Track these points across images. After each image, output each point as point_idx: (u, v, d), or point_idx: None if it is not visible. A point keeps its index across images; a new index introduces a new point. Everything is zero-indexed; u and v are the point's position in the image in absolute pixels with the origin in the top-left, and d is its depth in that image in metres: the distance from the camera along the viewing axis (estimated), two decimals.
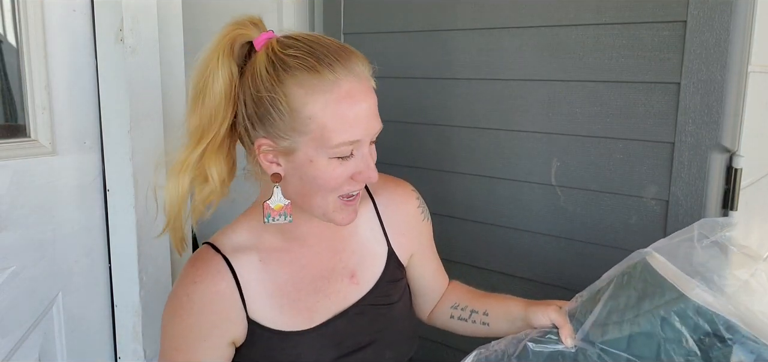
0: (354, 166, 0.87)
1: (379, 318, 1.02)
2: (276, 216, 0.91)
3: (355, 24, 1.75)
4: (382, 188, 1.08)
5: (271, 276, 0.96)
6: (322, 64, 0.82)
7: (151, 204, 1.02)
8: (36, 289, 1.30)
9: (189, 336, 0.92)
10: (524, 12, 1.42)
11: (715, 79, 1.19)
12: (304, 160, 0.85)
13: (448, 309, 1.15)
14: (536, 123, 1.44)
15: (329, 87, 0.82)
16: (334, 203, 0.89)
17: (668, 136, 1.27)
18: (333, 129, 0.82)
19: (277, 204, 0.90)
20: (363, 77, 0.86)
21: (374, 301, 1.02)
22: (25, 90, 1.26)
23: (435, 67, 1.60)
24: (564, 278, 1.46)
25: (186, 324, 0.92)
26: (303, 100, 0.82)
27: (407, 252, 1.09)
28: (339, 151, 0.84)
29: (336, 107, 0.82)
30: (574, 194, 1.41)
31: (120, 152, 1.33)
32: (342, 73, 0.83)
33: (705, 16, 1.19)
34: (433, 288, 1.17)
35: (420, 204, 1.11)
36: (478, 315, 1.09)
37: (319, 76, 0.82)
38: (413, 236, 1.09)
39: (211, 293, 0.92)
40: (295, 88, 0.82)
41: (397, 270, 1.06)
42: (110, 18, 1.29)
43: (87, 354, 1.40)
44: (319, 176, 0.85)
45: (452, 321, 1.13)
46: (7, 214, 1.23)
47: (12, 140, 1.26)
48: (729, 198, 1.25)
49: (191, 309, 0.91)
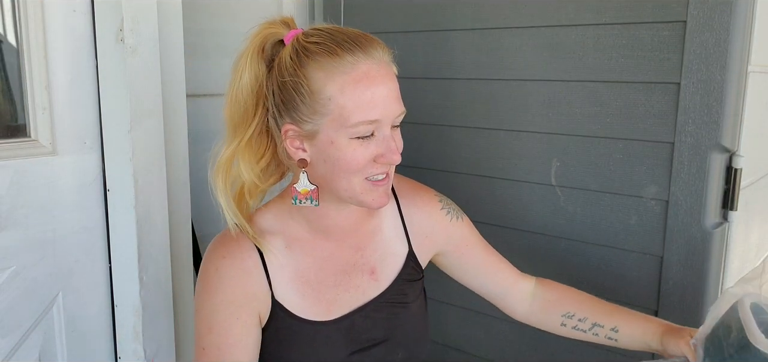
0: (376, 148, 0.88)
1: (394, 316, 1.03)
2: (303, 199, 0.94)
3: (355, 24, 1.73)
4: (407, 191, 1.10)
5: (295, 262, 0.98)
6: (341, 48, 0.86)
7: (152, 205, 1.04)
8: (36, 289, 1.30)
9: (220, 313, 0.92)
10: (524, 12, 1.42)
11: (715, 79, 1.19)
12: (326, 141, 0.88)
13: (558, 316, 1.14)
14: (536, 123, 1.44)
15: (348, 69, 0.85)
16: (361, 185, 0.90)
17: (668, 136, 1.27)
18: (351, 109, 0.85)
19: (304, 188, 0.93)
20: (383, 62, 0.89)
21: (391, 299, 1.03)
22: (25, 90, 1.26)
23: (435, 67, 1.59)
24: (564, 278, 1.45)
25: (217, 301, 0.93)
26: (323, 82, 0.85)
27: (429, 253, 1.11)
28: (358, 130, 0.86)
29: (354, 88, 0.85)
30: (574, 194, 1.41)
31: (120, 152, 1.33)
32: (361, 57, 0.86)
33: (705, 16, 1.19)
34: (495, 277, 1.16)
35: (443, 206, 1.11)
36: (604, 329, 1.09)
37: (338, 59, 0.85)
38: (438, 238, 1.10)
39: (240, 268, 0.94)
40: (316, 71, 0.86)
41: (414, 270, 1.08)
42: (110, 18, 1.29)
43: (87, 354, 1.40)
44: (342, 157, 0.87)
45: (564, 329, 1.13)
46: (7, 214, 1.23)
47: (12, 140, 1.26)
48: (729, 198, 1.25)
49: (219, 284, 0.93)
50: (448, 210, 1.12)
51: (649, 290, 1.33)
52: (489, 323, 1.58)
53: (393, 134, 0.90)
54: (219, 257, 0.95)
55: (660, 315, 1.32)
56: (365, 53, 0.87)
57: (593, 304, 1.13)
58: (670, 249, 1.29)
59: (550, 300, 1.16)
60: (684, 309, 1.29)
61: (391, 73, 0.90)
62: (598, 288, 1.40)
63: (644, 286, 1.34)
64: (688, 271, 1.27)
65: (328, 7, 1.82)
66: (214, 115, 1.66)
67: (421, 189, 1.12)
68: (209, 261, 0.95)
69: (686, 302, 1.28)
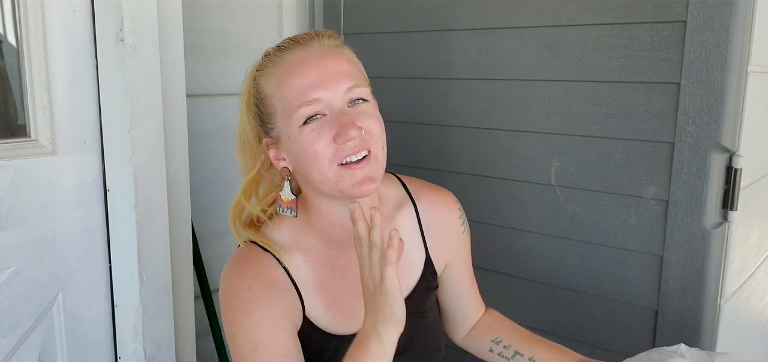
0: (330, 128, 0.86)
1: (413, 327, 0.99)
2: (285, 208, 0.95)
3: (355, 24, 1.75)
4: (425, 194, 1.07)
5: (315, 275, 0.96)
6: (281, 51, 0.91)
7: (152, 205, 1.04)
8: (36, 289, 1.30)
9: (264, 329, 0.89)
10: (524, 12, 1.42)
11: (715, 79, 1.19)
12: (285, 139, 0.90)
13: (488, 341, 1.12)
14: (536, 123, 1.44)
15: (281, 64, 0.89)
16: (334, 173, 0.87)
17: (668, 136, 1.27)
18: (289, 98, 0.88)
19: (286, 196, 0.95)
20: (321, 48, 0.90)
21: (410, 309, 0.99)
22: (25, 90, 1.26)
23: (435, 67, 1.60)
24: (564, 278, 1.46)
25: (257, 318, 0.89)
26: (266, 85, 0.91)
27: (443, 261, 1.08)
28: (301, 114, 0.87)
29: (286, 78, 0.88)
30: (573, 194, 1.41)
31: (120, 152, 1.33)
32: (294, 50, 0.90)
33: (705, 16, 1.19)
34: (466, 306, 1.15)
35: (461, 215, 1.10)
36: (523, 358, 1.07)
37: (274, 60, 0.90)
38: (451, 246, 1.09)
39: (272, 285, 0.92)
40: (263, 79, 0.92)
41: (431, 278, 1.06)
42: (110, 18, 1.29)
43: (87, 354, 1.40)
44: (302, 148, 0.88)
45: (492, 355, 1.11)
46: (7, 214, 1.23)
47: (12, 140, 1.26)
48: (729, 198, 1.25)
49: (256, 302, 0.90)
50: (463, 220, 1.10)
51: (649, 290, 1.33)
52: None
53: (352, 111, 0.88)
54: (249, 276, 0.92)
55: (660, 315, 1.32)
56: (300, 45, 0.90)
57: (517, 333, 1.12)
58: (670, 249, 1.29)
59: (484, 326, 1.15)
60: (684, 309, 1.29)
61: (334, 54, 0.90)
62: (597, 289, 1.41)
63: (644, 286, 1.34)
64: (688, 271, 1.27)
65: (328, 7, 1.82)
66: (214, 115, 1.67)
67: (440, 193, 1.10)
68: (238, 280, 0.93)
69: (686, 302, 1.28)
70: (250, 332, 0.89)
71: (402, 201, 1.05)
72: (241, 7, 1.73)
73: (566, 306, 1.46)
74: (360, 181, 0.87)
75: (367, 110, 0.89)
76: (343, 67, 0.89)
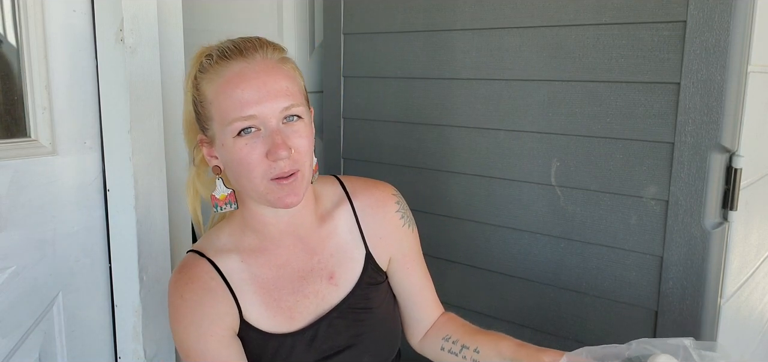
0: (263, 144, 0.89)
1: (358, 322, 1.02)
2: (222, 205, 0.99)
3: (355, 24, 1.75)
4: (361, 191, 1.09)
5: (252, 275, 0.98)
6: (223, 57, 0.92)
7: (152, 205, 1.07)
8: (36, 289, 1.30)
9: (192, 335, 0.93)
10: (524, 12, 1.42)
11: (715, 79, 1.19)
12: (220, 144, 0.92)
13: (440, 340, 1.13)
14: (536, 123, 1.44)
15: (223, 72, 0.91)
16: (264, 185, 0.91)
17: (668, 136, 1.27)
18: (226, 108, 0.90)
19: (221, 193, 0.98)
20: (264, 62, 0.91)
21: (354, 304, 1.03)
22: (25, 90, 1.26)
23: (435, 67, 1.60)
24: (563, 278, 1.46)
25: (187, 323, 0.94)
26: (206, 90, 0.92)
27: (386, 255, 1.09)
28: (234, 127, 0.89)
29: (225, 88, 0.90)
30: (573, 194, 1.41)
31: (120, 152, 1.33)
32: (237, 60, 0.91)
33: (705, 16, 1.19)
34: (420, 306, 1.15)
35: (399, 209, 1.10)
36: (469, 351, 1.08)
37: (219, 67, 0.91)
38: (391, 239, 1.09)
39: (204, 290, 0.95)
40: (206, 83, 0.93)
41: (375, 273, 1.07)
42: (110, 18, 1.29)
43: (87, 354, 1.40)
44: (234, 158, 0.90)
45: (443, 353, 1.12)
46: (7, 214, 1.23)
47: (12, 140, 1.26)
48: (729, 198, 1.25)
49: (186, 309, 0.94)
50: (402, 214, 1.10)
51: (649, 290, 1.33)
52: (489, 324, 1.58)
53: (285, 128, 0.90)
54: (182, 284, 0.96)
55: (660, 315, 1.32)
56: (243, 56, 0.91)
57: (464, 328, 1.12)
58: (670, 249, 1.29)
59: (437, 326, 1.15)
60: (684, 309, 1.29)
61: (274, 71, 0.91)
62: (597, 289, 1.41)
63: (644, 286, 1.34)
64: (688, 271, 1.27)
65: (328, 7, 1.82)
66: None
67: (377, 189, 1.10)
68: (174, 290, 0.97)
69: (686, 302, 1.28)
70: (182, 338, 0.95)
71: (340, 200, 1.07)
72: (241, 7, 1.73)
73: (566, 306, 1.46)
74: (287, 194, 0.91)
75: (299, 129, 0.92)
76: (281, 85, 0.91)
